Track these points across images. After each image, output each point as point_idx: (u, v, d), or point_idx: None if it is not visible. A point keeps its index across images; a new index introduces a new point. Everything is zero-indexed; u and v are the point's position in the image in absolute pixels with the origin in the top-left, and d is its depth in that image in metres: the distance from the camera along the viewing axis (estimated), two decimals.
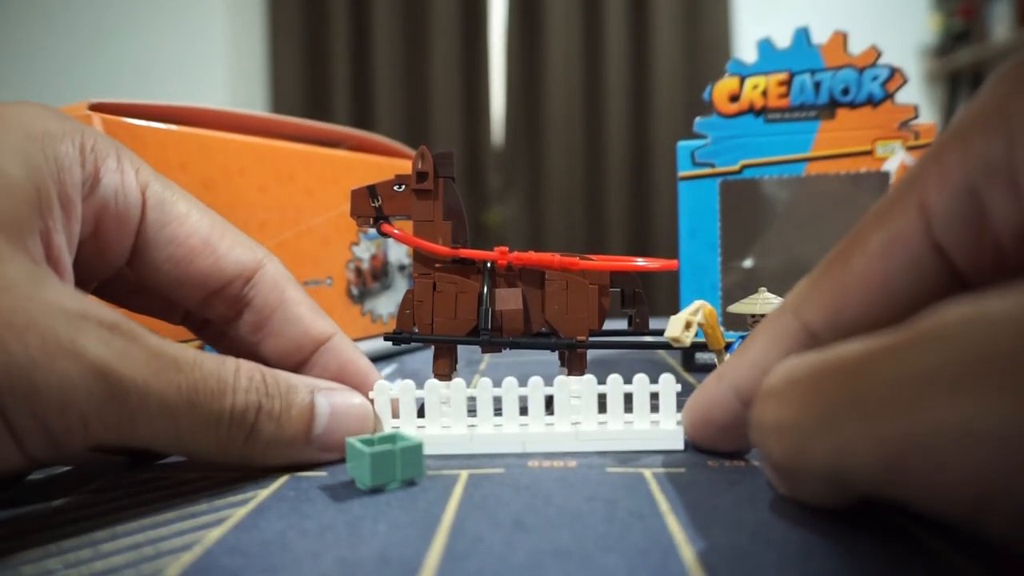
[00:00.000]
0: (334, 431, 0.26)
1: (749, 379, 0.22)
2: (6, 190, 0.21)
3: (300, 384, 0.25)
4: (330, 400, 0.26)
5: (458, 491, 0.23)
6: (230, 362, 0.24)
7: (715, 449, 0.26)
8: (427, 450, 0.25)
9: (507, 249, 0.32)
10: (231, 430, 0.23)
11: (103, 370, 0.20)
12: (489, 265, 0.32)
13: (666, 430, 0.27)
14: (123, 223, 0.25)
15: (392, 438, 0.25)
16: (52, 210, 0.22)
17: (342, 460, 0.26)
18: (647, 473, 0.24)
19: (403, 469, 0.24)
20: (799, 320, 0.20)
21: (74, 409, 0.19)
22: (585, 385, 0.28)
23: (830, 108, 0.42)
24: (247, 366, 0.24)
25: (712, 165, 0.43)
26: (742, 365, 0.22)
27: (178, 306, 0.30)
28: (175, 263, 0.26)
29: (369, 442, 0.24)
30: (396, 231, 0.32)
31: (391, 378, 0.46)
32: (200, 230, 0.27)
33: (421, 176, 0.31)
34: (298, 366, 0.29)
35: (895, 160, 0.41)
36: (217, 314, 0.28)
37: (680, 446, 0.27)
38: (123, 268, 0.27)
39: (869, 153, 0.41)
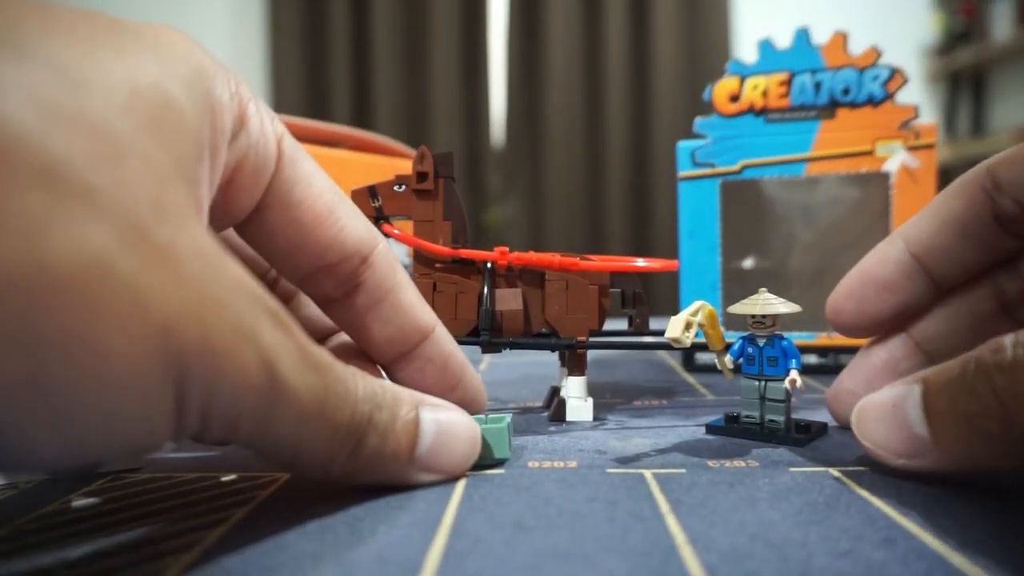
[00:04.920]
0: (439, 450, 0.23)
1: (923, 231, 0.25)
2: (182, 134, 0.18)
3: (405, 396, 0.23)
4: (436, 417, 0.23)
5: (458, 492, 0.23)
6: (351, 367, 0.21)
7: (865, 319, 0.27)
8: None
9: (507, 249, 0.32)
10: (342, 442, 0.20)
11: (270, 363, 0.17)
12: (489, 265, 0.32)
13: None
14: (257, 176, 0.22)
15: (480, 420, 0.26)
16: (206, 160, 0.19)
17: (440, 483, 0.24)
18: (647, 474, 0.24)
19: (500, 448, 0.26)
20: (989, 176, 0.24)
21: (243, 401, 0.17)
22: None
23: (830, 108, 0.41)
24: (363, 372, 0.21)
25: (712, 165, 0.43)
26: (915, 219, 0.25)
27: (272, 277, 0.27)
28: (297, 228, 0.23)
29: (480, 420, 0.26)
30: (396, 231, 0.32)
31: None
32: (326, 194, 0.23)
33: (421, 176, 0.31)
34: (399, 357, 0.26)
35: (895, 160, 0.41)
36: (321, 291, 0.25)
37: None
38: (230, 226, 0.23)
39: (869, 153, 0.41)
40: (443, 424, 0.23)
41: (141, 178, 0.16)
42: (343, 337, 0.28)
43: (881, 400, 0.23)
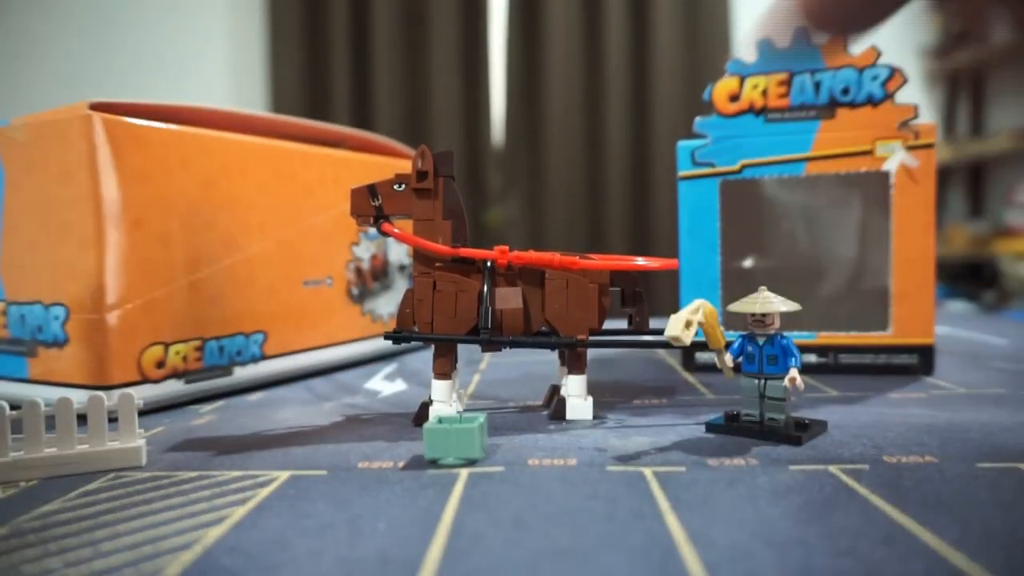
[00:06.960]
0: None
1: None
2: None
3: None
4: None
5: (458, 489, 0.23)
6: None
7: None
8: None
9: (507, 248, 0.32)
10: None
11: None
12: (489, 264, 0.32)
13: (125, 448, 0.27)
14: None
15: (447, 419, 0.27)
16: None
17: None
18: (647, 472, 0.24)
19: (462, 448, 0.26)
20: None
21: None
22: (59, 405, 0.26)
23: (830, 108, 0.42)
24: None
25: (712, 165, 0.43)
26: None
27: None
28: None
29: (449, 421, 0.27)
30: (396, 230, 0.32)
31: (391, 377, 0.46)
32: None
33: (421, 175, 0.31)
34: None
35: (895, 160, 0.41)
36: None
37: (142, 462, 0.27)
38: None
39: (869, 153, 0.41)
40: None
41: None
42: None
43: None
